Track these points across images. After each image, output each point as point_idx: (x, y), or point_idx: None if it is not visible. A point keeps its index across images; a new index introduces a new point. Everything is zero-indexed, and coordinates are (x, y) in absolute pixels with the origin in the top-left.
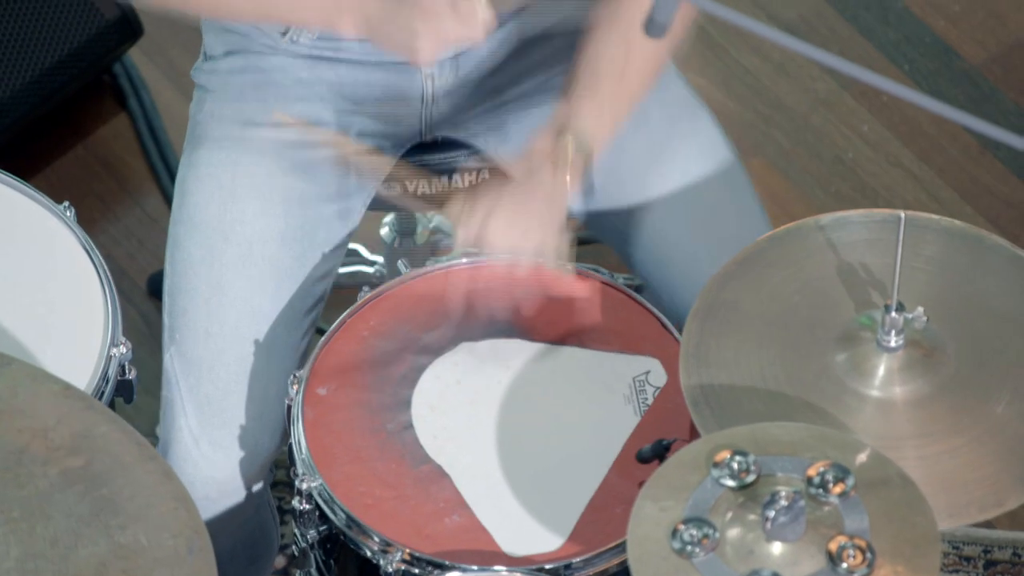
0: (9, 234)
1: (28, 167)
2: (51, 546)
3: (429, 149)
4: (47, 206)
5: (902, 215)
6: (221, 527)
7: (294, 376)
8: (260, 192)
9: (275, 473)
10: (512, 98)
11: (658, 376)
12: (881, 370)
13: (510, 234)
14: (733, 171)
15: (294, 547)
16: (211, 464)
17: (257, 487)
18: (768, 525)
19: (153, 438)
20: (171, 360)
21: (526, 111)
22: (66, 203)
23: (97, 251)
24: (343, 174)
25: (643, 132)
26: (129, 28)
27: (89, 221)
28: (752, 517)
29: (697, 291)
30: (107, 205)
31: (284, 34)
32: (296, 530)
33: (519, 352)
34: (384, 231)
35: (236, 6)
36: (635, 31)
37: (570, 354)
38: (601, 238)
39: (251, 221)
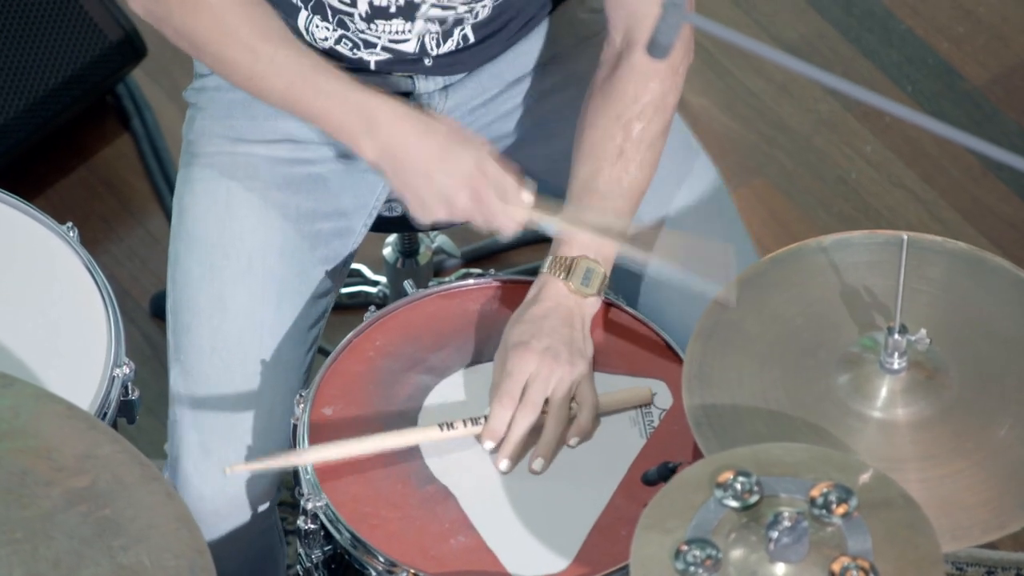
0: (12, 255)
1: (31, 188)
2: (54, 567)
3: None
4: (50, 227)
5: (904, 237)
6: (228, 548)
7: (300, 395)
8: (256, 207)
9: (280, 493)
10: (504, 134)
11: (664, 398)
12: (884, 392)
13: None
14: (715, 189)
15: (298, 567)
16: (219, 479)
17: (264, 507)
18: (771, 546)
19: (157, 460)
20: (176, 378)
21: (519, 148)
22: (69, 224)
23: (100, 271)
24: (338, 193)
25: None
26: (132, 49)
27: (92, 242)
28: (755, 538)
29: (679, 318)
30: (110, 226)
31: None
32: (300, 550)
33: None
34: (387, 251)
35: (270, 89)
36: (630, 121)
37: None
38: None
39: (249, 236)
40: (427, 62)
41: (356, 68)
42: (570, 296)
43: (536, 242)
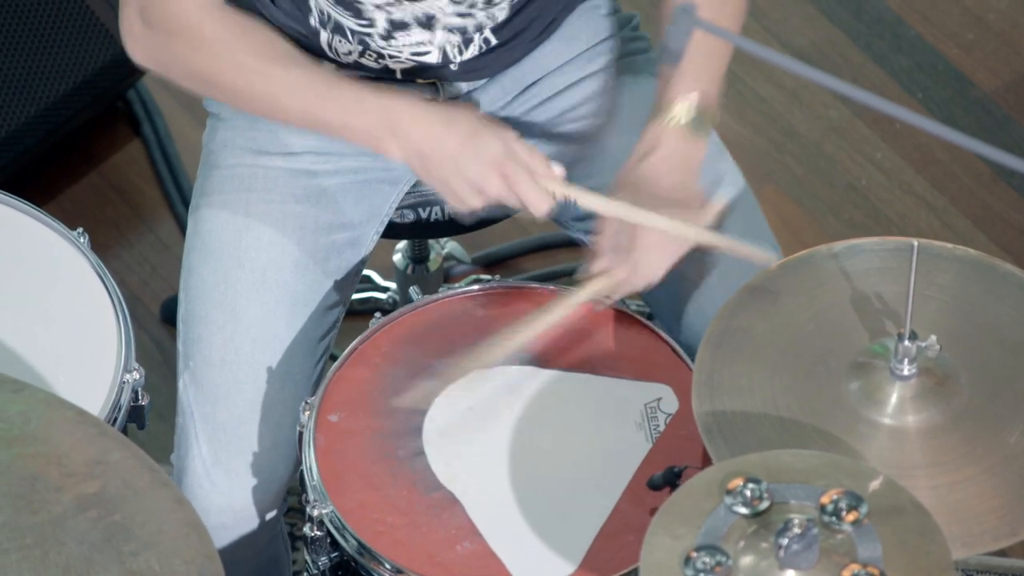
0: (23, 260)
1: (42, 194)
2: (64, 572)
3: None
4: (61, 232)
5: (915, 243)
6: (235, 556)
7: (306, 402)
8: (273, 219)
9: (288, 500)
10: (526, 135)
11: (670, 403)
12: (894, 398)
13: (664, 259)
14: (743, 197)
15: (305, 574)
16: (226, 492)
17: (271, 516)
18: (781, 553)
19: (167, 465)
20: (185, 388)
21: (542, 147)
22: (80, 229)
23: (111, 277)
24: (354, 203)
25: None
26: None
27: (103, 247)
28: (765, 545)
29: (708, 319)
30: (121, 232)
31: None
32: (307, 557)
33: (531, 379)
34: (397, 258)
35: (287, 111)
36: None
37: (582, 381)
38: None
39: (265, 248)
40: (452, 67)
41: (382, 77)
42: (681, 140)
43: (545, 248)
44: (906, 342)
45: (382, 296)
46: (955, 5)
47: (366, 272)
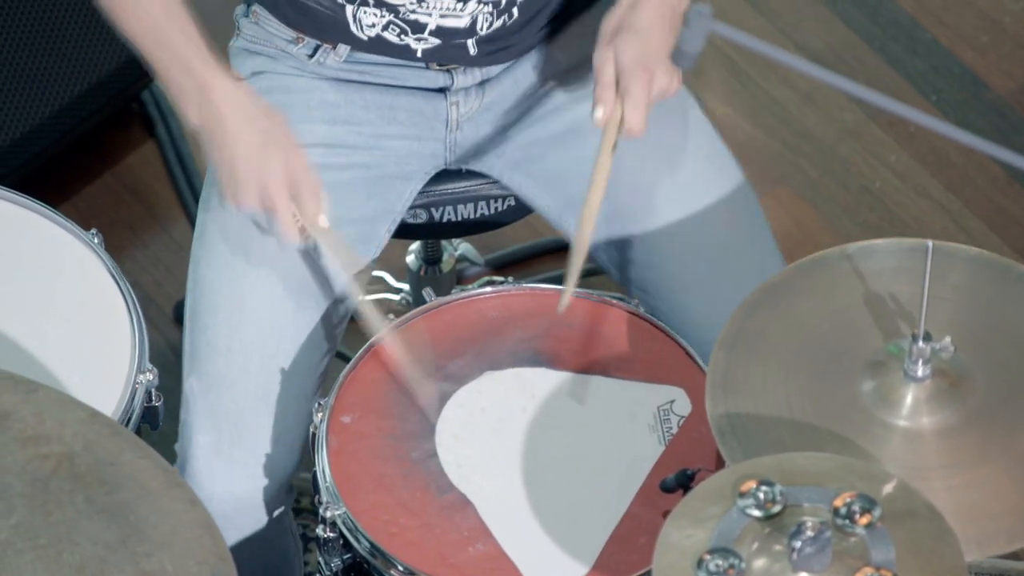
0: (38, 261)
1: (57, 195)
2: (78, 573)
3: (455, 177)
4: (75, 233)
5: (929, 244)
6: (239, 547)
7: (319, 404)
8: None
9: (300, 501)
10: (536, 135)
11: (683, 405)
12: (908, 400)
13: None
14: (743, 195)
15: (318, 575)
16: (228, 480)
17: (277, 509)
18: (794, 556)
19: (173, 456)
20: (190, 377)
21: (551, 150)
22: (94, 230)
23: (124, 278)
24: (365, 199)
25: (653, 155)
26: None
27: (117, 248)
28: (778, 548)
29: (706, 324)
30: (135, 232)
31: (311, 56)
32: (320, 558)
33: (543, 381)
34: (410, 259)
35: (124, 25)
36: None
37: (595, 383)
38: (611, 272)
39: (273, 239)
40: (472, 50)
41: (401, 57)
42: None
43: (558, 250)
44: (920, 343)
45: (395, 297)
46: (970, 8)
47: (378, 273)
